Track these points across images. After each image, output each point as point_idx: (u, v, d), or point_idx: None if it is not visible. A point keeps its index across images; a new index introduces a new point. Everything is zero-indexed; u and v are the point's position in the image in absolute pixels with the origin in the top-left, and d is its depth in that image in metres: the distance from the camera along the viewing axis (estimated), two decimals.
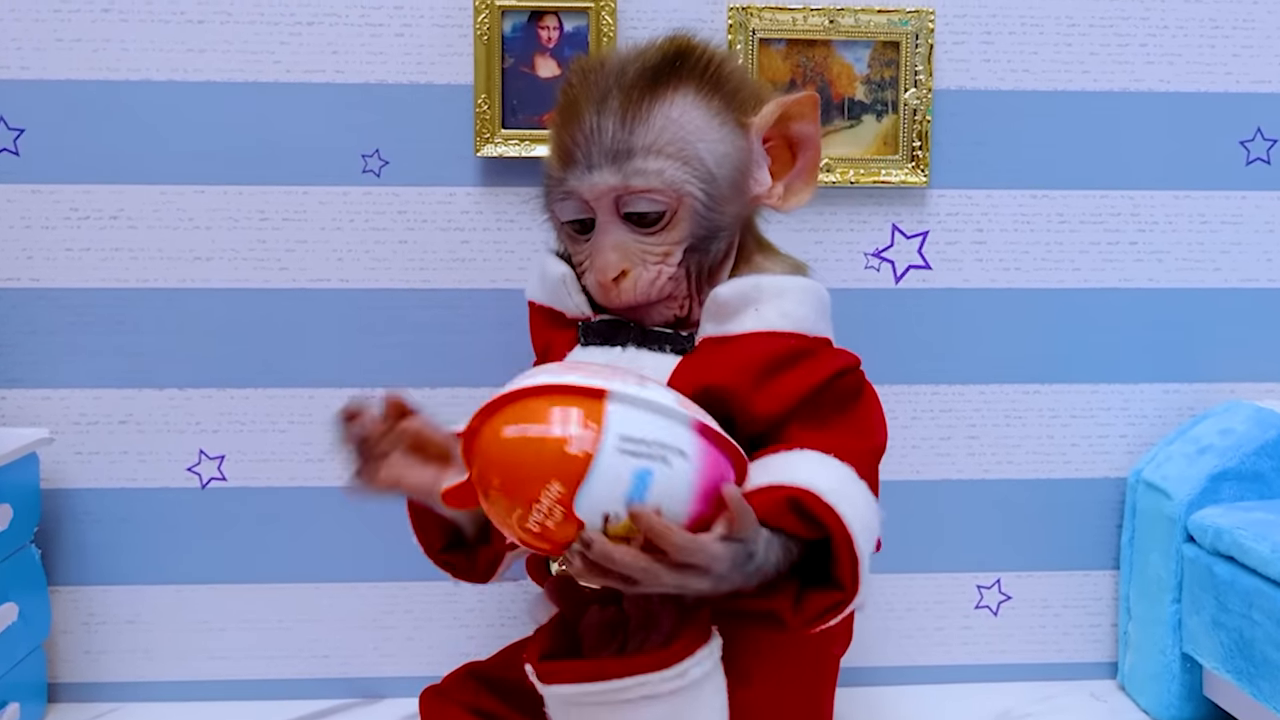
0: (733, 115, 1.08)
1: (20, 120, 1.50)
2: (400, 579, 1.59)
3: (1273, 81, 1.58)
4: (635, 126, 1.04)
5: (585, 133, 1.05)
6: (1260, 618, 1.32)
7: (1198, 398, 1.61)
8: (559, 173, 1.08)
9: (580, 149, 1.06)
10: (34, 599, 1.48)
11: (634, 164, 1.04)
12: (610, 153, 1.04)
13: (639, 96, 1.04)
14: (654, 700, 0.94)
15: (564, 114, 1.09)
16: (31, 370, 1.53)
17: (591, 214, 1.08)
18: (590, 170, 1.05)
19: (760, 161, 1.11)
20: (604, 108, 1.05)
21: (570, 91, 1.10)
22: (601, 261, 1.07)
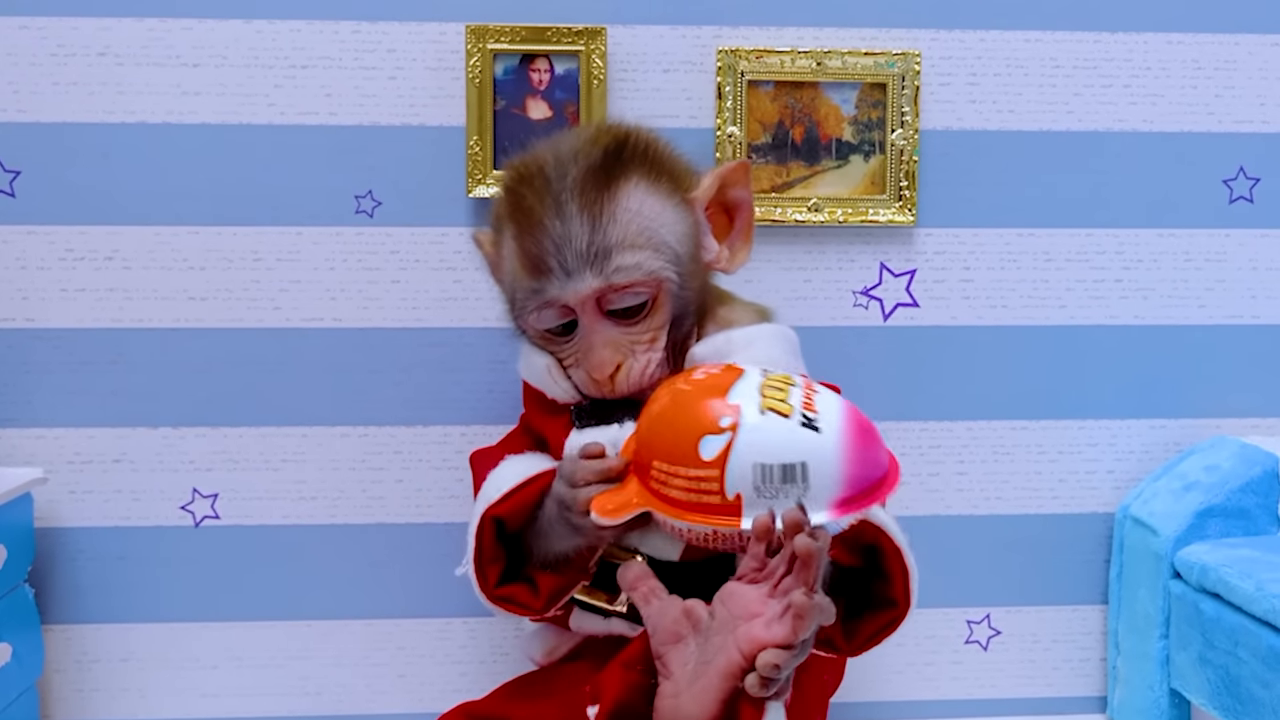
0: (678, 193, 1.12)
1: (16, 162, 1.51)
2: (392, 616, 1.60)
3: (1255, 121, 1.61)
4: (603, 225, 1.05)
5: (554, 240, 1.06)
6: (1246, 655, 1.33)
7: (1184, 433, 1.63)
8: (532, 283, 1.08)
9: (553, 256, 1.06)
10: (27, 638, 1.48)
11: (613, 263, 1.06)
12: (586, 256, 1.05)
13: (596, 195, 1.06)
14: None
15: (520, 224, 1.09)
16: (26, 409, 1.55)
17: (572, 317, 1.10)
18: (570, 276, 1.06)
19: (706, 230, 1.15)
20: (564, 212, 1.05)
21: (518, 200, 1.10)
22: (597, 360, 1.09)
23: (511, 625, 1.61)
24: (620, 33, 1.54)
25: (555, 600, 1.15)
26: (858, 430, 0.96)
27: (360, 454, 1.57)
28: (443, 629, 1.61)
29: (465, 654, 1.62)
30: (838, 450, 0.94)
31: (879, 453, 0.98)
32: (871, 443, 0.97)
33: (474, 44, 1.51)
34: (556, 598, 1.14)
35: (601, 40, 1.51)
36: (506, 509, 1.12)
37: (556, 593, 1.14)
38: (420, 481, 1.58)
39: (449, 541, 1.58)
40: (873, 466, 0.96)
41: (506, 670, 1.47)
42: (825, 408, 0.97)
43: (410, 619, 1.60)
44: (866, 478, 0.95)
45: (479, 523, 1.13)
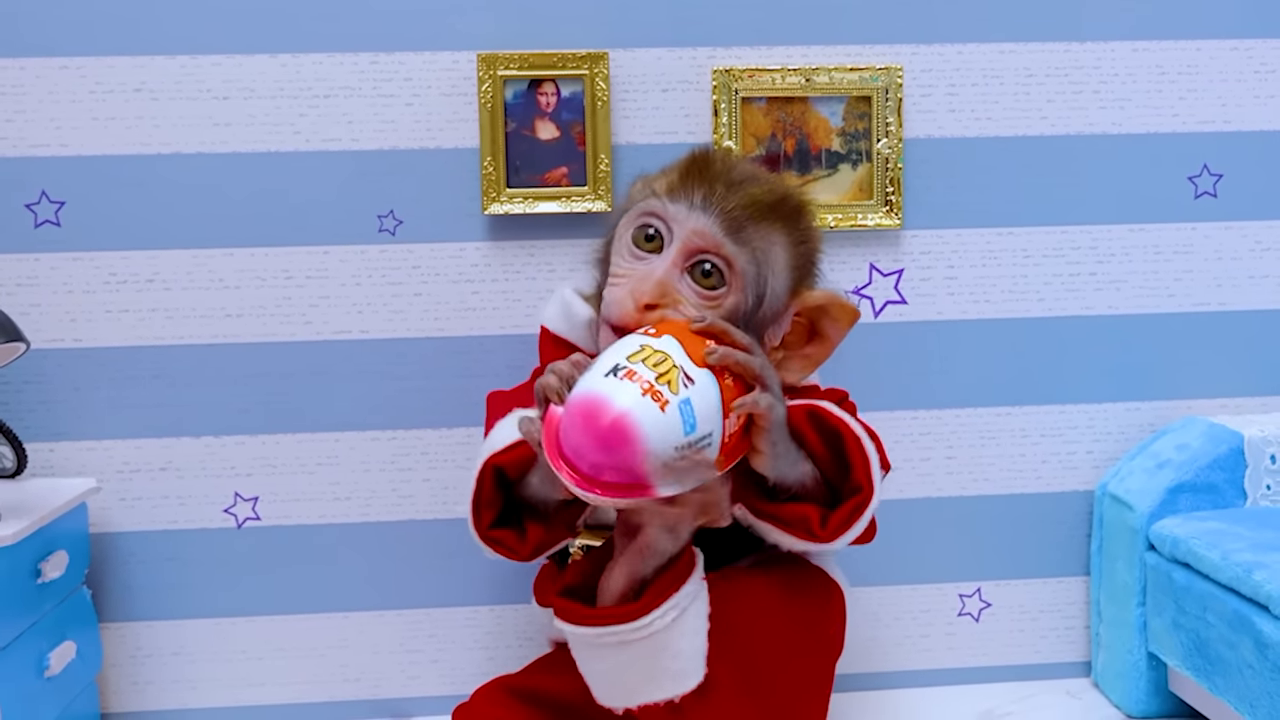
0: (797, 276, 1.22)
1: (61, 193, 1.62)
2: (424, 605, 1.72)
3: (1217, 121, 1.71)
4: (750, 220, 1.18)
5: (710, 191, 1.18)
6: (1214, 620, 1.45)
7: (1157, 415, 1.75)
8: (665, 197, 1.20)
9: (699, 195, 1.18)
10: (88, 636, 1.60)
11: (736, 237, 1.17)
12: (717, 210, 1.17)
13: (761, 206, 1.19)
14: (641, 641, 1.11)
15: (692, 165, 1.21)
16: (77, 424, 1.66)
17: (664, 240, 1.19)
18: (694, 209, 1.18)
19: (785, 324, 1.23)
20: (733, 190, 1.19)
21: (705, 157, 1.23)
22: (646, 287, 1.16)
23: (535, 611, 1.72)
24: (621, 56, 1.64)
25: (540, 550, 1.24)
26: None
27: (390, 455, 1.69)
28: (471, 616, 1.72)
29: (492, 639, 1.73)
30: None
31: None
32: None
33: (485, 71, 1.61)
34: (542, 548, 1.24)
35: (604, 64, 1.62)
36: (508, 459, 1.21)
37: (542, 544, 1.23)
38: (446, 479, 1.69)
39: None
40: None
41: (531, 652, 1.58)
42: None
43: (441, 608, 1.72)
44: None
45: (481, 470, 1.22)
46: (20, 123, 1.61)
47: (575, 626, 1.14)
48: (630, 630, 1.11)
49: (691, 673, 1.14)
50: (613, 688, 1.16)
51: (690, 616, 1.14)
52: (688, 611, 1.14)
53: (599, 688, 1.17)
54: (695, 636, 1.15)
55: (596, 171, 1.63)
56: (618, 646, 1.12)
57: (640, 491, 1.01)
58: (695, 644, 1.15)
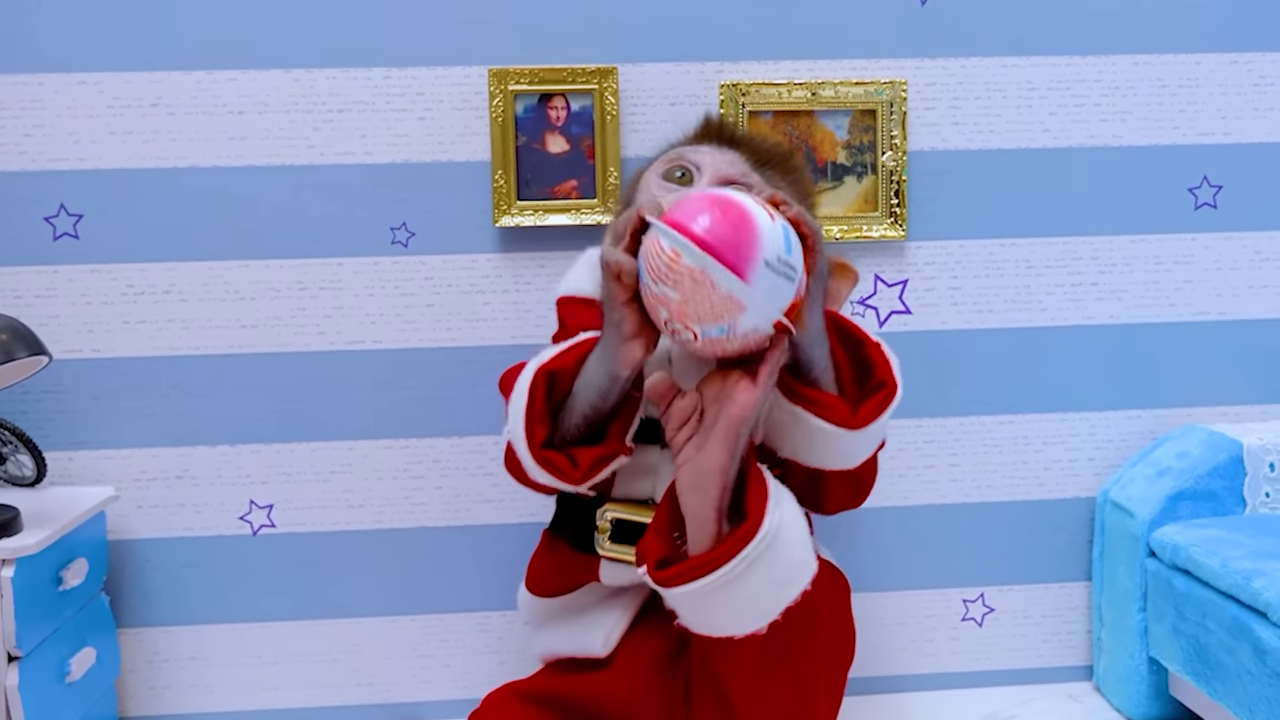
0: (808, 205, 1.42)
1: (79, 206, 1.65)
2: (435, 611, 1.74)
3: (1216, 133, 1.74)
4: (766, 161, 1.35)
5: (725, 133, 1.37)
6: (1213, 626, 1.47)
7: (1157, 422, 1.77)
8: (689, 143, 1.36)
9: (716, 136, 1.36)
10: (106, 642, 1.62)
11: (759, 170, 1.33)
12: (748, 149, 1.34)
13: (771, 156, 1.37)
14: (751, 568, 1.09)
15: (707, 124, 1.40)
16: (95, 433, 1.68)
17: (693, 178, 1.31)
18: (719, 149, 1.34)
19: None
20: (744, 137, 1.39)
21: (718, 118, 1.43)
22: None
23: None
24: (630, 71, 1.67)
25: (594, 470, 1.20)
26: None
27: (402, 464, 1.71)
28: (482, 621, 1.75)
29: (503, 644, 1.76)
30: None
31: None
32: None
33: (496, 85, 1.64)
34: (595, 468, 1.20)
35: (613, 79, 1.64)
36: (560, 364, 1.20)
37: (596, 463, 1.20)
38: (458, 487, 1.72)
39: (487, 542, 1.73)
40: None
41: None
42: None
43: (453, 613, 1.74)
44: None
45: (533, 377, 1.19)
46: (39, 137, 1.63)
47: (703, 579, 1.09)
48: (757, 544, 1.09)
49: (810, 561, 1.13)
50: (754, 612, 1.12)
51: (788, 502, 1.14)
52: (784, 499, 1.14)
53: (740, 619, 1.13)
54: (801, 523, 1.14)
55: (606, 184, 1.66)
56: (748, 569, 1.09)
57: (740, 271, 1.03)
58: (804, 530, 1.14)
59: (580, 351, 1.21)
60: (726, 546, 1.09)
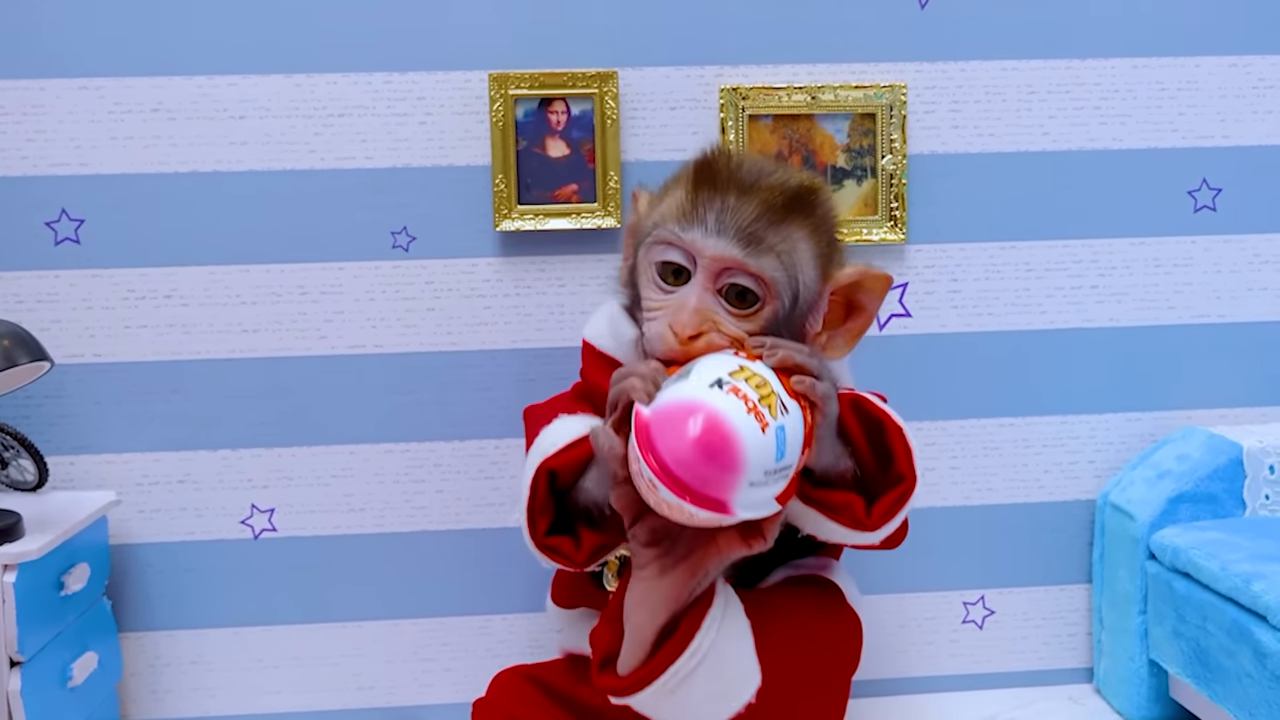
0: (824, 263, 1.19)
1: (81, 211, 1.65)
2: (437, 615, 1.74)
3: (1215, 136, 1.74)
4: (768, 227, 1.14)
5: (720, 207, 1.14)
6: (1214, 629, 1.48)
7: (1157, 425, 1.77)
8: (681, 223, 1.15)
9: (713, 215, 1.14)
10: (108, 646, 1.63)
11: (758, 249, 1.13)
12: (738, 230, 1.13)
13: (775, 209, 1.15)
14: (694, 671, 1.13)
15: (698, 180, 1.17)
16: (96, 437, 1.68)
17: (689, 271, 1.16)
18: (716, 235, 1.14)
19: (822, 308, 1.20)
20: (744, 199, 1.15)
21: (709, 168, 1.18)
22: (688, 315, 1.13)
23: (544, 620, 1.75)
24: (630, 75, 1.67)
25: (596, 555, 1.21)
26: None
27: (403, 468, 1.72)
28: (484, 625, 1.75)
29: (505, 648, 1.76)
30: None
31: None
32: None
33: (496, 90, 1.64)
34: (598, 554, 1.21)
35: (613, 83, 1.65)
36: (561, 461, 1.19)
37: (598, 549, 1.20)
38: (459, 491, 1.72)
39: (487, 545, 1.73)
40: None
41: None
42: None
43: (453, 617, 1.74)
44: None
45: (534, 474, 1.20)
46: (40, 142, 1.64)
47: (634, 695, 1.14)
48: (685, 661, 1.12)
49: (752, 675, 1.15)
50: (697, 717, 1.17)
51: (730, 620, 1.16)
52: (727, 617, 1.15)
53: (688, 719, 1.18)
54: (743, 640, 1.16)
55: (606, 188, 1.66)
56: (680, 684, 1.13)
57: (717, 507, 1.01)
58: (745, 647, 1.16)
59: (582, 454, 1.20)
60: (653, 665, 1.13)
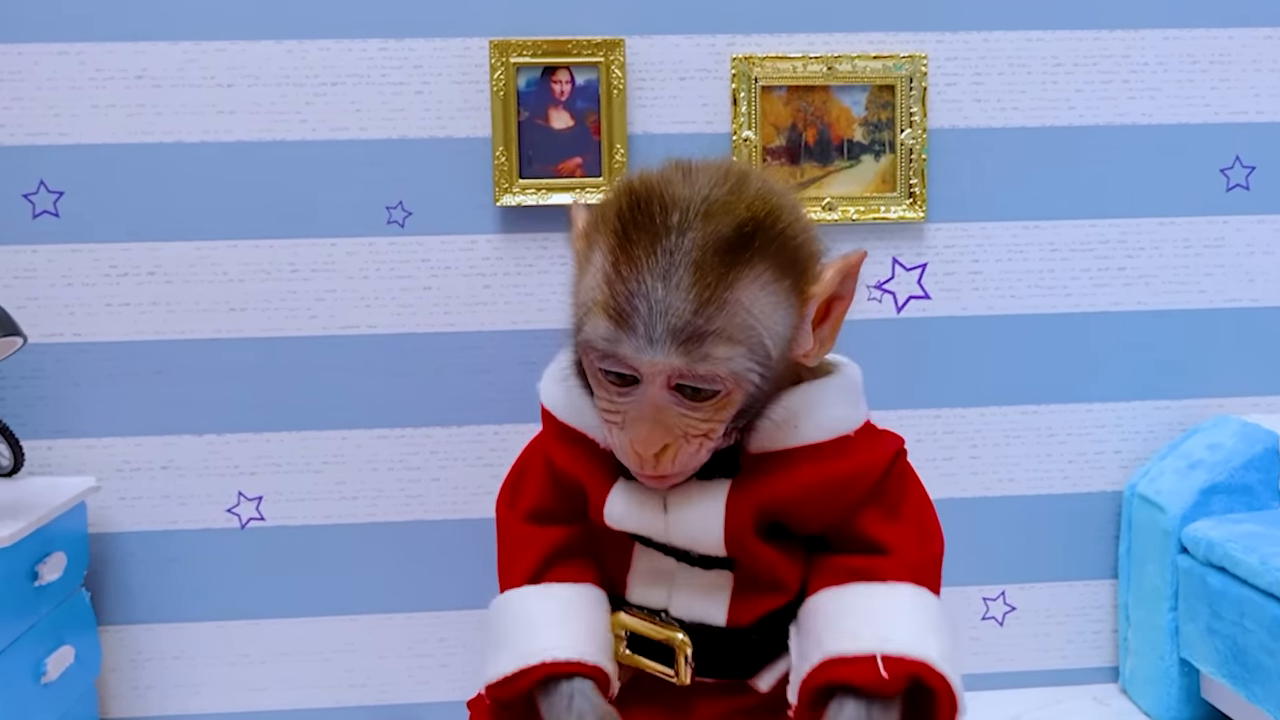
0: (798, 288, 1.00)
1: (60, 183, 1.57)
2: (433, 609, 1.67)
3: (1250, 112, 1.67)
4: (708, 310, 0.93)
5: (649, 302, 0.93)
6: (1252, 625, 1.40)
7: (1187, 413, 1.70)
8: (610, 330, 0.95)
9: (642, 319, 0.94)
10: (86, 640, 1.55)
11: (702, 349, 0.94)
12: (678, 334, 0.93)
13: (713, 276, 0.93)
14: None
15: (620, 260, 0.96)
16: (75, 421, 1.61)
17: (634, 377, 0.97)
18: (652, 345, 0.94)
19: (809, 323, 1.02)
20: (671, 277, 0.93)
21: (627, 232, 0.96)
22: (644, 434, 0.98)
23: None
24: (638, 43, 1.59)
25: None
26: None
27: (398, 454, 1.64)
28: (482, 619, 1.65)
29: None
30: None
31: None
32: None
33: (497, 58, 1.57)
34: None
35: (620, 51, 1.57)
36: (504, 692, 1.07)
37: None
38: (457, 479, 1.65)
39: (486, 536, 1.64)
40: None
41: None
42: None
43: (450, 611, 1.67)
44: None
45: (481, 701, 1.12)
46: (17, 110, 1.56)
47: None
48: None
49: None
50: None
51: None
52: None
53: None
54: None
55: (612, 162, 1.58)
56: None
57: None
58: None
59: (527, 685, 1.06)
60: None
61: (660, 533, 1.06)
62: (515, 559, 1.15)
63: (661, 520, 1.06)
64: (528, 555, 1.13)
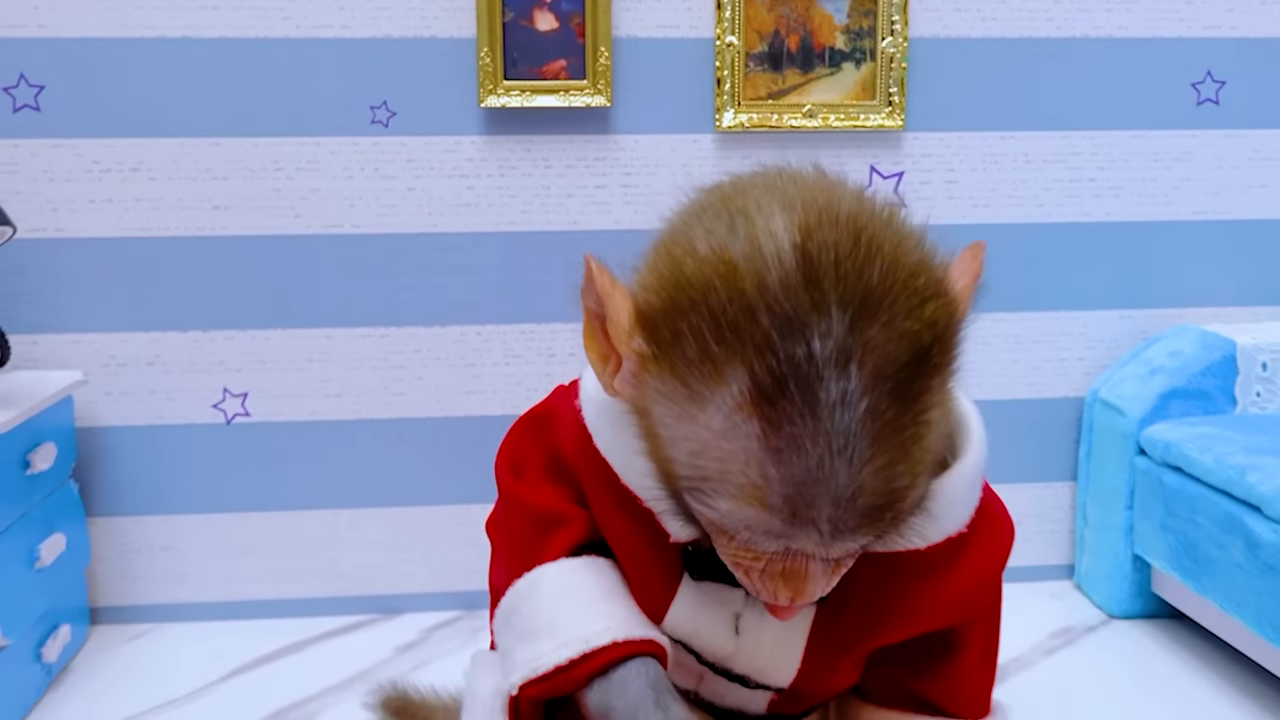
0: (955, 358, 0.80)
1: (41, 77, 1.56)
2: (414, 504, 1.71)
3: (1222, 26, 1.70)
4: (900, 475, 0.72)
5: (831, 495, 0.71)
6: (1203, 521, 1.47)
7: (1150, 322, 1.75)
8: (775, 526, 0.73)
9: (823, 513, 0.71)
10: (75, 529, 1.58)
11: (893, 518, 0.74)
12: (869, 516, 0.73)
13: (900, 430, 0.72)
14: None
15: (768, 442, 0.70)
16: (59, 316, 1.62)
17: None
18: (837, 537, 0.73)
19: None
20: (852, 453, 0.70)
21: (766, 398, 0.69)
22: (806, 593, 0.79)
23: None
24: None
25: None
26: None
27: (381, 353, 1.67)
28: (462, 515, 1.72)
29: (483, 537, 1.72)
30: None
31: None
32: None
33: None
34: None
35: None
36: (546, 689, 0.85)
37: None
38: (439, 378, 1.68)
39: (467, 434, 1.69)
40: None
41: None
42: None
43: (431, 506, 1.71)
44: None
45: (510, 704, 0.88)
46: None
47: None
48: None
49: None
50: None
51: None
52: None
53: None
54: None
55: (596, 65, 1.59)
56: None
57: None
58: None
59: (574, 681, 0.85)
60: None
61: (724, 657, 0.90)
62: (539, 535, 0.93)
63: (731, 643, 0.89)
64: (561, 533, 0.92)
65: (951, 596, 0.89)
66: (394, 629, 1.68)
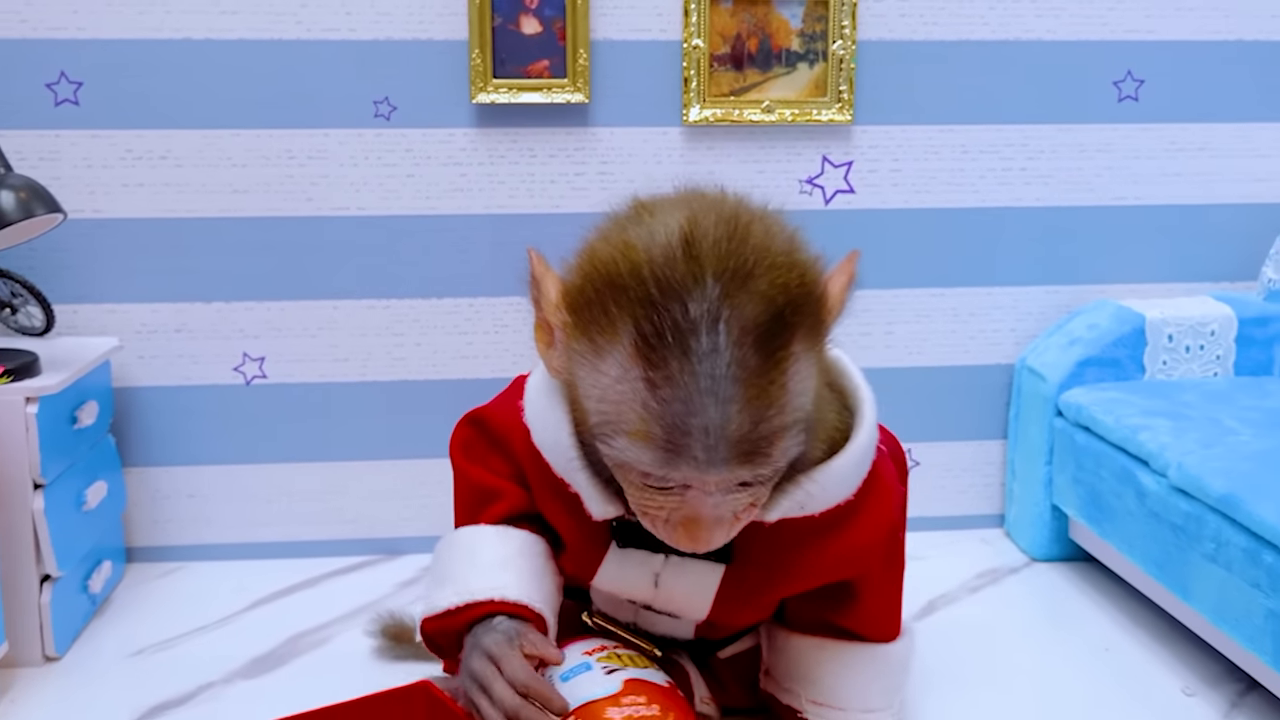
0: (822, 334, 0.94)
1: (80, 75, 1.75)
2: (413, 457, 1.91)
3: (1141, 30, 1.88)
4: (765, 414, 0.86)
5: (702, 421, 0.85)
6: (1105, 475, 1.67)
7: (1073, 297, 1.95)
8: (659, 459, 0.87)
9: (697, 442, 0.85)
10: (114, 478, 1.78)
11: (765, 453, 0.88)
12: (740, 446, 0.86)
13: (761, 375, 0.86)
14: None
15: (653, 385, 0.85)
16: (97, 288, 1.81)
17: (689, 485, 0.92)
18: (713, 465, 0.86)
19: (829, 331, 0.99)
20: (719, 392, 0.84)
21: (650, 347, 0.85)
22: (703, 536, 0.93)
23: None
24: None
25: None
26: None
27: (385, 322, 1.86)
28: None
29: None
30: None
31: None
32: None
33: None
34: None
35: None
36: (440, 625, 1.11)
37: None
38: (436, 345, 1.87)
39: (461, 394, 1.88)
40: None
41: None
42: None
43: (428, 459, 1.91)
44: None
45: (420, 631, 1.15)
46: (40, 5, 1.72)
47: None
48: None
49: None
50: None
51: None
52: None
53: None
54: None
55: (576, 65, 1.78)
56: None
57: None
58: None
59: (464, 622, 1.09)
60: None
61: (645, 599, 1.13)
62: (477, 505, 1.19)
63: (650, 591, 1.11)
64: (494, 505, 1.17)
65: (841, 554, 1.07)
66: (395, 568, 1.89)
